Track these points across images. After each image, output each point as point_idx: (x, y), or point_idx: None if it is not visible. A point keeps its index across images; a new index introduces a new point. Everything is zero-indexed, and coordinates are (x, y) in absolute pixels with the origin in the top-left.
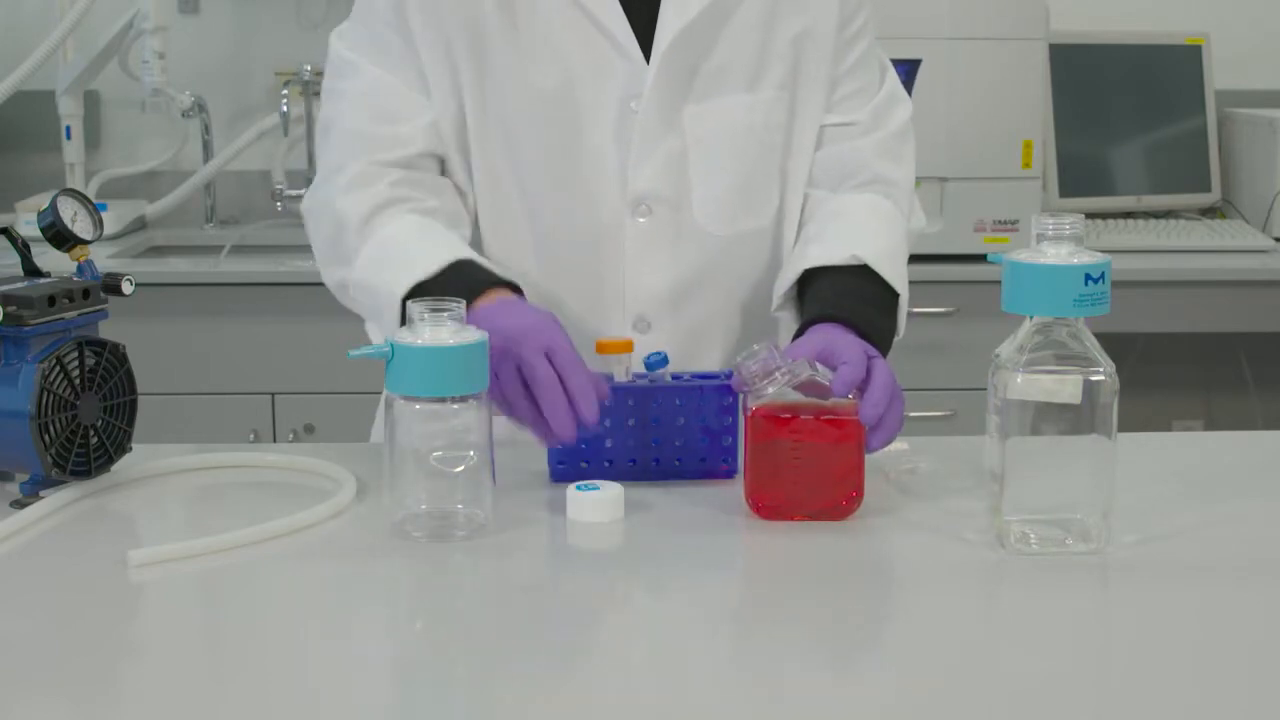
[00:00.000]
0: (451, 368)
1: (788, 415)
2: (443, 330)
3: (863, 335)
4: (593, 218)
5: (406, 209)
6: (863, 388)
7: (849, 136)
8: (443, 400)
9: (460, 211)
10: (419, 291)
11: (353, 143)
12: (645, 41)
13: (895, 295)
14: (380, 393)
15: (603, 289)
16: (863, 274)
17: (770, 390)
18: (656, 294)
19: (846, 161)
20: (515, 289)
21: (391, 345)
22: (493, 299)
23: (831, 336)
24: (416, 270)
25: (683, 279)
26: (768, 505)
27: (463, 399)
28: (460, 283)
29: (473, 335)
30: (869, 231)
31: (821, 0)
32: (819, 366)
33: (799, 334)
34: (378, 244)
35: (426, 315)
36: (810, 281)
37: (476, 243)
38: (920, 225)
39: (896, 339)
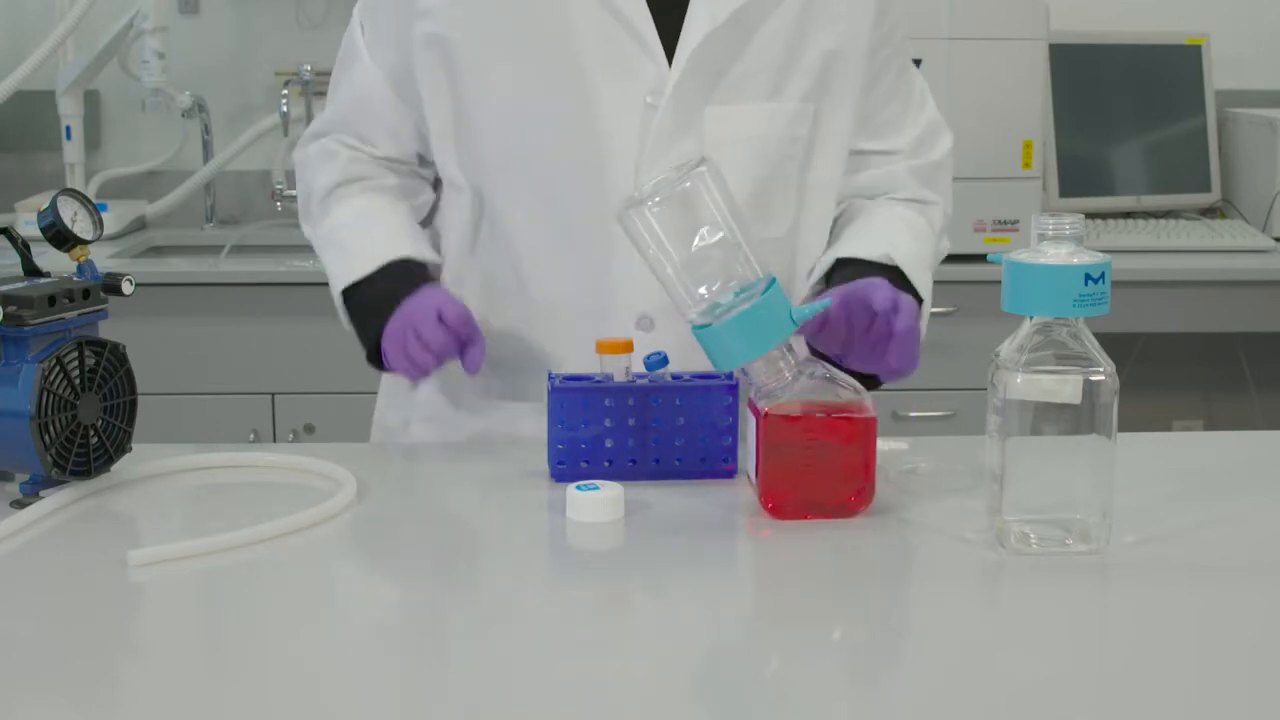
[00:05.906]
0: None
1: (800, 414)
2: None
3: None
4: (601, 215)
5: (362, 187)
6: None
7: (889, 163)
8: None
9: (417, 186)
10: (355, 286)
11: (337, 127)
12: (670, 44)
13: (918, 303)
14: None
15: (608, 285)
16: (891, 275)
17: (781, 391)
18: (660, 293)
19: (885, 185)
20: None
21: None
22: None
23: (862, 276)
24: (355, 270)
25: None
26: (781, 504)
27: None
28: (391, 280)
29: None
30: (903, 238)
31: (853, 21)
32: (832, 369)
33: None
34: (330, 228)
35: None
36: (839, 271)
37: (473, 234)
38: (946, 247)
39: None
